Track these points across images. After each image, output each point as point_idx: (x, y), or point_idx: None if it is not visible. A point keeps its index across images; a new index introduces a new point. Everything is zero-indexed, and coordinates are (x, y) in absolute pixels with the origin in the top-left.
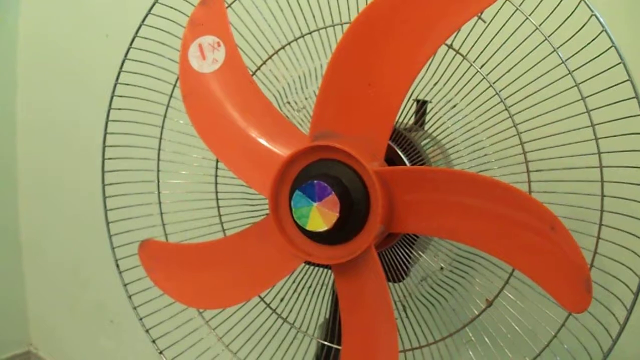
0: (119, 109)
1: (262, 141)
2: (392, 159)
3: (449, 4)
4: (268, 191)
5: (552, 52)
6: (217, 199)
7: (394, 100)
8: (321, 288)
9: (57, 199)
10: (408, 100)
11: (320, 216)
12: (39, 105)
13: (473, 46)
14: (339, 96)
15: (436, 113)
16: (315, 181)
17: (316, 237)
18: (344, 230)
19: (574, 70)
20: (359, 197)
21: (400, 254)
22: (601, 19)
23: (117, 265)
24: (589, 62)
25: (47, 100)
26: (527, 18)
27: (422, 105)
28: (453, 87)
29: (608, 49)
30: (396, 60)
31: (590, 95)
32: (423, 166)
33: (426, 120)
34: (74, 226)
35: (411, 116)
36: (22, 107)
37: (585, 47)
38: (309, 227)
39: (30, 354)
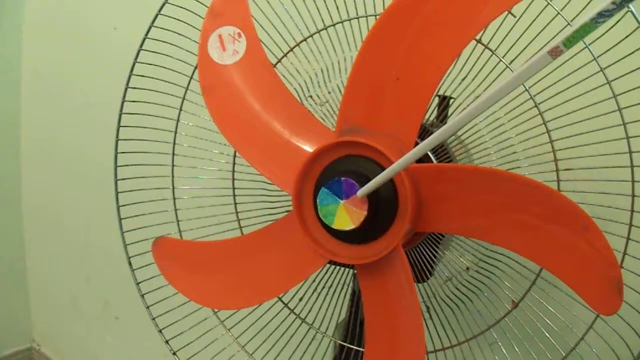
0: (132, 101)
1: (286, 136)
2: None
3: None
4: (292, 188)
5: (584, 48)
6: (234, 195)
7: (423, 95)
8: (342, 288)
9: (60, 193)
10: (434, 97)
11: (347, 214)
12: (46, 93)
13: (502, 41)
14: (367, 91)
15: (464, 109)
16: (343, 178)
17: (341, 235)
18: (371, 229)
19: (606, 68)
20: (388, 195)
21: (425, 253)
22: (636, 14)
23: (130, 263)
24: (621, 59)
25: (54, 87)
26: (558, 13)
27: (447, 102)
28: (481, 82)
29: None
30: (426, 54)
31: (623, 93)
32: (453, 163)
33: (449, 117)
34: (78, 221)
35: (433, 112)
36: (27, 96)
37: (618, 44)
38: (335, 226)
39: (32, 350)
